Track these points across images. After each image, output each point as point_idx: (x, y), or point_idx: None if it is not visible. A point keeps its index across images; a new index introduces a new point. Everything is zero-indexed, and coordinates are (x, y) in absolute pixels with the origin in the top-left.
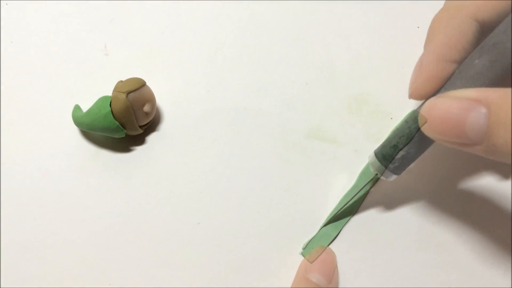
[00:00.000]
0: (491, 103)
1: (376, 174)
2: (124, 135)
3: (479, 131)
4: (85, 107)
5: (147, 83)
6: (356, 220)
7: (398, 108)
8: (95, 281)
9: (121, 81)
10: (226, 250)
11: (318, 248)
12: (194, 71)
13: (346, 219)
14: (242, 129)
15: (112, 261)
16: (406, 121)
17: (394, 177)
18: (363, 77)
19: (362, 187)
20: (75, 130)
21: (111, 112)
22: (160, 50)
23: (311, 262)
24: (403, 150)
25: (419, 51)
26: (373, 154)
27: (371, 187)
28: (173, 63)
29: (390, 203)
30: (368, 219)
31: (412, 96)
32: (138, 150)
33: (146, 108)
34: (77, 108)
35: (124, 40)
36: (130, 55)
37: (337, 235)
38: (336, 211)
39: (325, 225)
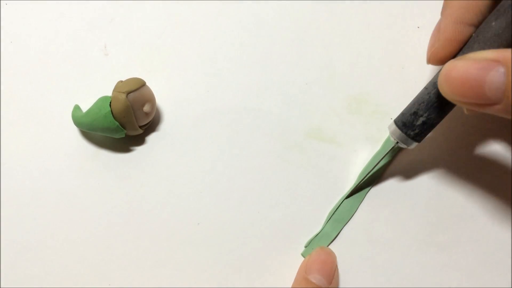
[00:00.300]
0: (509, 62)
1: (397, 143)
2: (124, 135)
3: (497, 90)
4: (85, 107)
5: (147, 83)
6: (356, 220)
7: (398, 108)
8: (95, 281)
9: (121, 81)
10: (226, 250)
11: (318, 249)
12: (194, 71)
13: (364, 193)
14: (242, 129)
15: (112, 261)
16: (425, 88)
17: (414, 144)
18: (363, 77)
19: (383, 156)
20: (75, 130)
21: (111, 112)
22: (160, 50)
23: (312, 263)
24: (423, 116)
25: (419, 51)
26: (392, 123)
27: (391, 159)
28: (173, 63)
29: (389, 203)
30: (368, 220)
31: (430, 60)
32: (138, 150)
33: (146, 108)
34: (77, 108)
35: (124, 40)
36: (130, 55)
37: (337, 235)
38: (357, 183)
39: (347, 197)
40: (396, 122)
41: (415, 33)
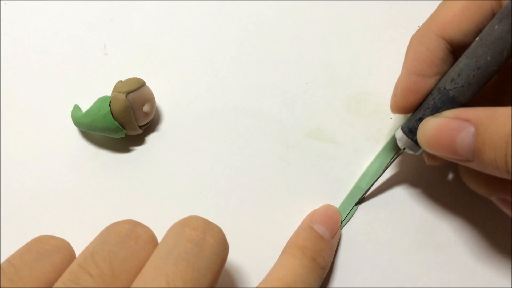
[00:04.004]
0: (479, 123)
1: (404, 149)
2: (123, 135)
3: (468, 150)
4: (84, 107)
5: (147, 83)
6: (356, 220)
7: None
8: None
9: (121, 81)
10: None
11: (326, 204)
12: (193, 71)
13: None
14: (242, 129)
15: None
16: (431, 94)
17: (421, 150)
18: (363, 77)
19: (389, 162)
20: (74, 130)
21: (110, 112)
22: (160, 50)
23: (318, 215)
24: None
25: None
26: (399, 130)
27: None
28: (173, 63)
29: (389, 203)
30: (368, 219)
31: (392, 110)
32: (138, 150)
33: (146, 108)
34: (76, 108)
35: (123, 39)
36: (129, 55)
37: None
38: (365, 190)
39: (356, 204)
40: (402, 128)
41: None
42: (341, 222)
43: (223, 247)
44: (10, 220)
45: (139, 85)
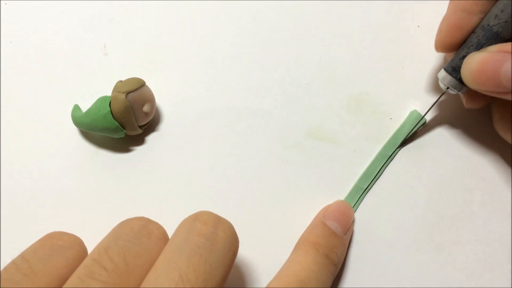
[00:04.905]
0: None
1: (447, 88)
2: (123, 135)
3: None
4: (84, 107)
5: (147, 83)
6: (356, 220)
7: (398, 108)
8: None
9: (121, 81)
10: None
11: (339, 200)
12: (193, 71)
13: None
14: (242, 129)
15: None
16: (474, 32)
17: (464, 89)
18: (363, 77)
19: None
20: (74, 130)
21: (110, 112)
22: (160, 50)
23: (331, 211)
24: None
25: (419, 51)
26: (442, 71)
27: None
28: (173, 63)
29: (389, 203)
30: (368, 219)
31: (437, 47)
32: (138, 150)
33: (146, 108)
34: (76, 108)
35: (123, 39)
36: (129, 54)
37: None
38: (405, 133)
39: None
40: (445, 68)
41: (415, 33)
42: (383, 164)
43: (234, 241)
44: (10, 220)
45: (139, 85)
